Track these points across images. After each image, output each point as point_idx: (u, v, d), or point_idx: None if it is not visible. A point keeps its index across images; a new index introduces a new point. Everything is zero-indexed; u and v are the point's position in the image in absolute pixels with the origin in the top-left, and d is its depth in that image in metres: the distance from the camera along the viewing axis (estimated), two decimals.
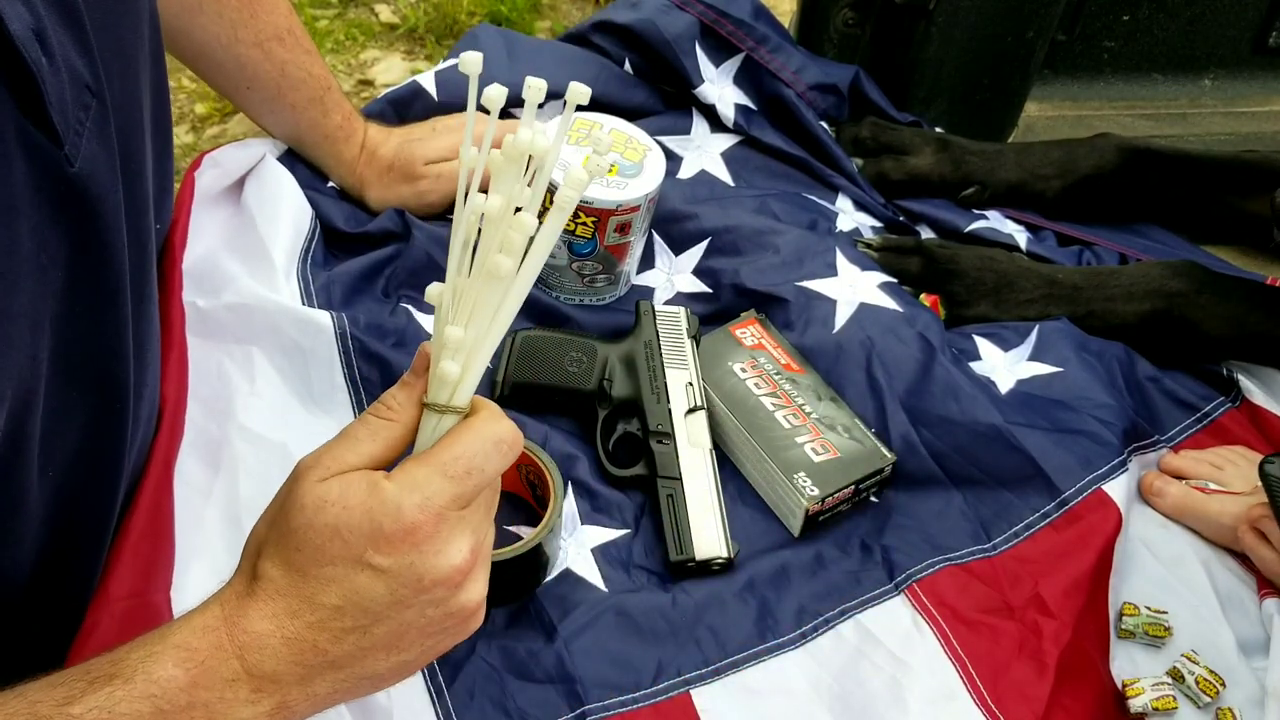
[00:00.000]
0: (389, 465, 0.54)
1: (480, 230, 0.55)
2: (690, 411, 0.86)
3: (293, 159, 0.99)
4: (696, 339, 0.90)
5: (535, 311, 0.93)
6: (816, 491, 0.82)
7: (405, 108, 1.05)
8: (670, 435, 0.85)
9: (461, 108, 1.03)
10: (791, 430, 0.85)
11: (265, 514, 0.55)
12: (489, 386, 0.88)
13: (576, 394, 0.87)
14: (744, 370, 0.89)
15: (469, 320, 0.54)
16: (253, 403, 0.82)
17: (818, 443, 0.85)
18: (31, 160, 0.49)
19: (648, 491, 0.84)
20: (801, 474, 0.82)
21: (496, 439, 0.54)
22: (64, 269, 0.54)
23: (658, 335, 0.89)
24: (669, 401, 0.86)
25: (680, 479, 0.83)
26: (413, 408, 0.55)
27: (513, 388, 0.87)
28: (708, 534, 0.80)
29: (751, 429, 0.85)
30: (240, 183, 0.96)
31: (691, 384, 0.87)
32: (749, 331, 0.92)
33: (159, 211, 0.73)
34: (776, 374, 0.89)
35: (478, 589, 0.55)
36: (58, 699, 0.48)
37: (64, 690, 0.48)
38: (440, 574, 0.52)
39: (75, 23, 0.52)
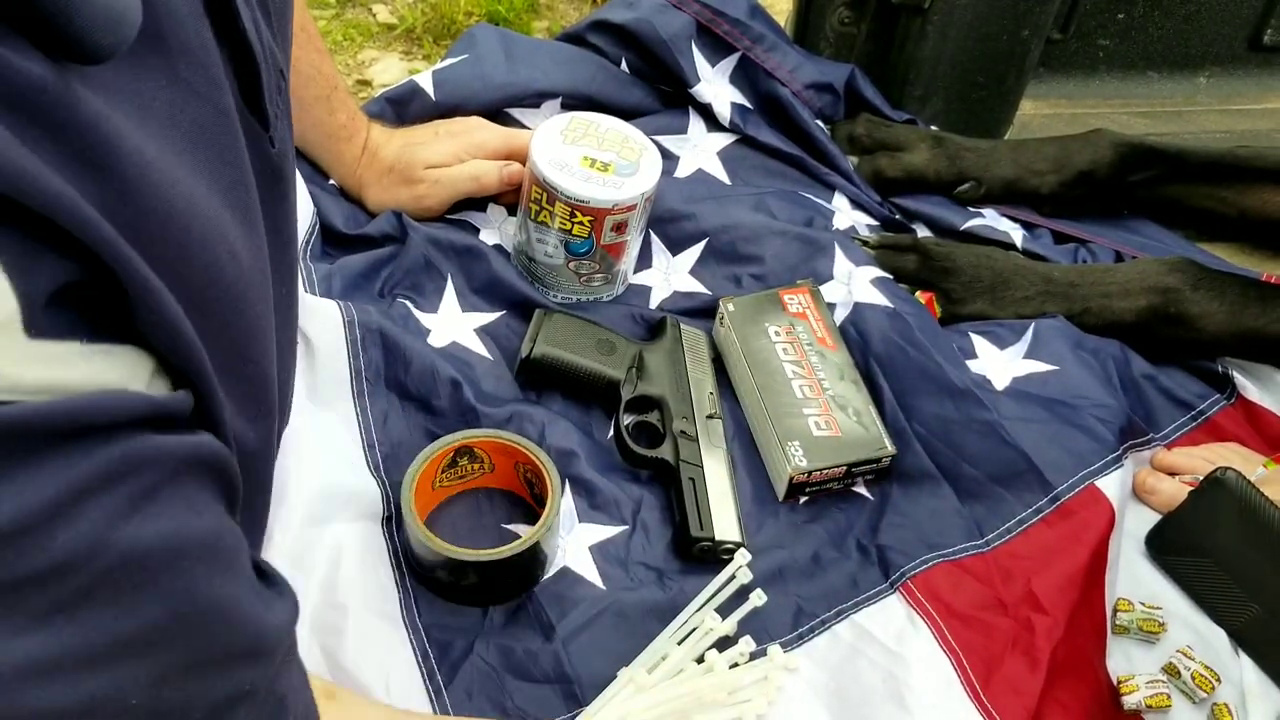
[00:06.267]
0: None
1: None
2: (710, 417, 0.88)
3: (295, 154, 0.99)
4: (714, 361, 0.92)
5: (529, 310, 0.93)
6: (805, 463, 0.83)
7: (403, 107, 1.05)
8: (693, 431, 0.86)
9: (459, 111, 1.04)
10: (802, 400, 0.87)
11: None
12: (512, 357, 0.89)
13: (601, 378, 0.88)
14: (778, 334, 0.91)
15: None
16: None
17: (823, 418, 0.86)
18: (250, 143, 0.50)
19: (655, 482, 0.85)
20: (796, 443, 0.84)
21: None
22: (268, 251, 0.53)
23: (683, 346, 0.91)
24: (693, 401, 0.88)
25: (702, 467, 0.84)
26: None
27: (539, 359, 0.87)
28: (725, 519, 0.81)
29: (764, 390, 0.87)
30: None
31: (712, 393, 0.89)
32: (797, 299, 0.94)
33: None
34: (809, 344, 0.91)
35: None
36: None
37: None
38: None
39: (265, 8, 0.52)
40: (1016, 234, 1.08)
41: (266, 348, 0.50)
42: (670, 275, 0.99)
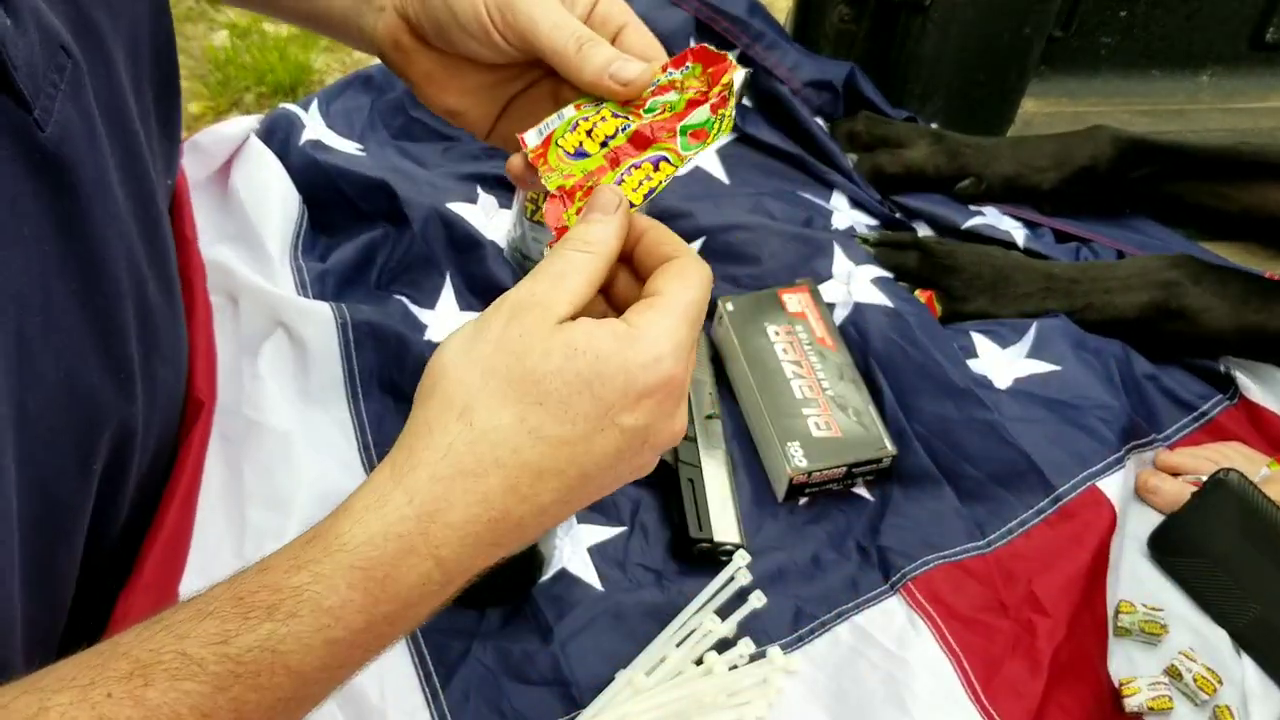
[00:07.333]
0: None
1: None
2: (709, 417, 0.87)
3: (270, 134, 0.98)
4: (713, 361, 0.92)
5: None
6: (804, 464, 0.83)
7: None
8: (692, 432, 0.86)
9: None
10: (801, 401, 0.86)
11: (463, 353, 0.47)
12: None
13: None
14: (777, 334, 0.90)
15: None
16: (258, 392, 0.81)
17: (823, 419, 0.85)
18: (4, 129, 0.46)
19: (654, 482, 0.84)
20: (795, 444, 0.83)
21: (708, 278, 0.50)
22: (51, 243, 0.50)
23: None
24: (692, 401, 0.87)
25: (700, 468, 0.83)
26: (614, 240, 0.50)
27: None
28: (724, 521, 0.81)
29: (763, 389, 0.87)
30: (225, 168, 0.95)
31: (711, 393, 0.89)
32: (796, 298, 0.93)
33: (168, 165, 0.68)
34: (808, 344, 0.90)
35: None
36: (209, 637, 0.41)
37: (216, 625, 0.42)
38: (665, 437, 0.49)
39: None
40: (1018, 233, 1.08)
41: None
42: None
